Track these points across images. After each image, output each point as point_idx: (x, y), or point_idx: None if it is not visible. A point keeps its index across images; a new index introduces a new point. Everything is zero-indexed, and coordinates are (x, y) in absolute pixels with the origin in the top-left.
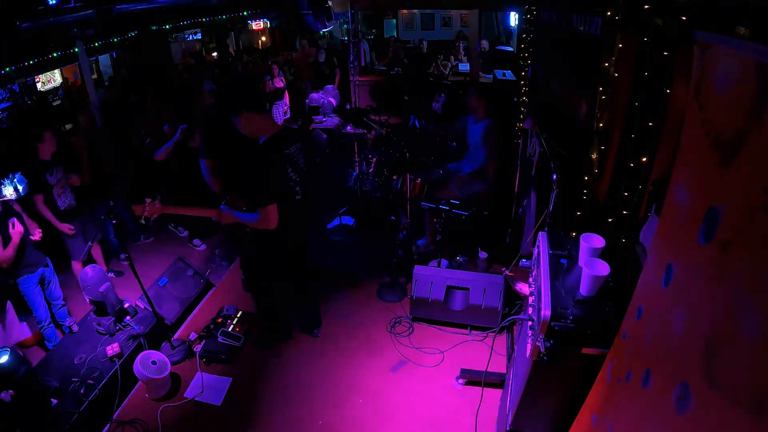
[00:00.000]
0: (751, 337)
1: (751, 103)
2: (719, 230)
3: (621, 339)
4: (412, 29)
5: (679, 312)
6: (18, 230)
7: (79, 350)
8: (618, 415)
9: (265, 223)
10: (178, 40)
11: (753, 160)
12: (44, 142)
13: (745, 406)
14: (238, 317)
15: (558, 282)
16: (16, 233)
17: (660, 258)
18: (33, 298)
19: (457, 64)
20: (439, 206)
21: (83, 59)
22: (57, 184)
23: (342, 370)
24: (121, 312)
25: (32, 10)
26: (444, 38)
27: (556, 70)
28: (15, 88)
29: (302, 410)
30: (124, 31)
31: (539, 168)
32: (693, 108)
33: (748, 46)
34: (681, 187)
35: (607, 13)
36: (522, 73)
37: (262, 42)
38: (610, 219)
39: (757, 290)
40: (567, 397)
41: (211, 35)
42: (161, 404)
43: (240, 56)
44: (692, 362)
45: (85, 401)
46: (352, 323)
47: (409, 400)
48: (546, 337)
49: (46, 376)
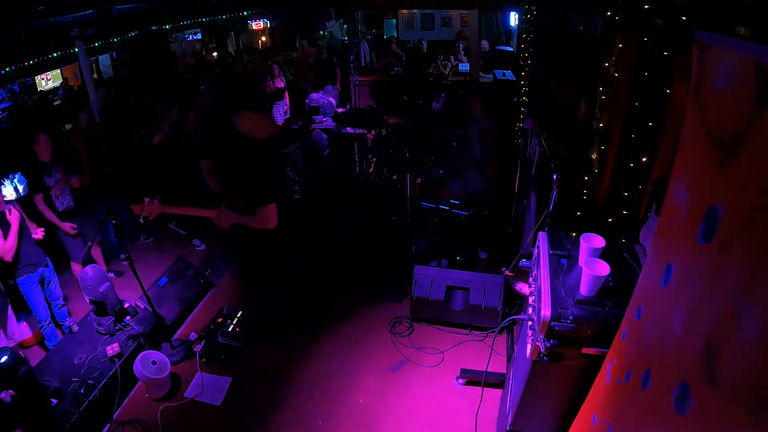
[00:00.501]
0: (751, 337)
1: (751, 102)
2: (719, 230)
3: (621, 339)
4: (412, 29)
5: (679, 312)
6: (15, 216)
7: (79, 350)
8: (618, 415)
9: (264, 222)
10: (178, 40)
11: (753, 160)
12: (38, 144)
13: (744, 406)
14: (238, 317)
15: (558, 282)
16: (14, 219)
17: (659, 258)
18: (33, 298)
19: (457, 64)
20: (439, 206)
21: (83, 59)
22: (55, 185)
23: (342, 370)
24: (121, 312)
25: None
26: (444, 38)
27: (556, 70)
28: (15, 88)
29: (302, 410)
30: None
31: (539, 168)
32: (693, 108)
33: (748, 46)
34: (680, 187)
35: (607, 13)
36: (522, 73)
37: (262, 42)
38: (610, 219)
39: (756, 290)
40: (567, 397)
41: (211, 35)
42: (161, 404)
43: (240, 56)
44: (692, 362)
45: (85, 401)
46: (352, 323)
47: (409, 400)
48: (546, 337)
49: (46, 376)
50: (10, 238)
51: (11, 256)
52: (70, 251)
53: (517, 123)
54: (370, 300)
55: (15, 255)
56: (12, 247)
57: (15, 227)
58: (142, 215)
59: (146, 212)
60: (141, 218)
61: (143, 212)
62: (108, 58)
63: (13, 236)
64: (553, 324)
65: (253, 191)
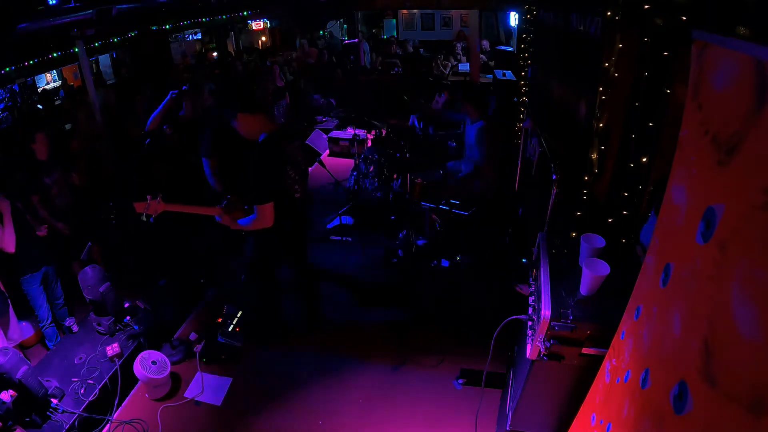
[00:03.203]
0: (749, 337)
1: (750, 102)
2: (717, 230)
3: (620, 339)
4: (412, 29)
5: (678, 312)
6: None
7: (79, 350)
8: (617, 414)
9: (262, 221)
10: (178, 40)
11: (751, 160)
12: (36, 143)
13: (742, 406)
14: (238, 317)
15: (558, 282)
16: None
17: (658, 258)
18: (35, 297)
19: (457, 64)
20: (439, 206)
21: (83, 59)
22: (54, 184)
23: (342, 369)
24: (121, 312)
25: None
26: (444, 38)
27: (556, 70)
28: (15, 88)
29: (302, 410)
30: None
31: (539, 168)
32: (691, 108)
33: (747, 46)
34: (679, 187)
35: (607, 13)
36: (522, 73)
37: (262, 42)
38: (610, 219)
39: (754, 290)
40: (567, 397)
41: (211, 35)
42: (161, 404)
43: (240, 56)
44: (690, 362)
45: (85, 401)
46: (352, 323)
47: (409, 400)
48: (546, 337)
49: (46, 376)
50: (7, 230)
51: (12, 245)
52: (70, 250)
53: (517, 123)
54: (370, 300)
55: (17, 254)
56: (10, 234)
57: (6, 214)
58: (144, 213)
59: (149, 210)
60: (143, 216)
61: (146, 210)
62: (108, 58)
63: (8, 224)
64: (553, 324)
65: (252, 190)
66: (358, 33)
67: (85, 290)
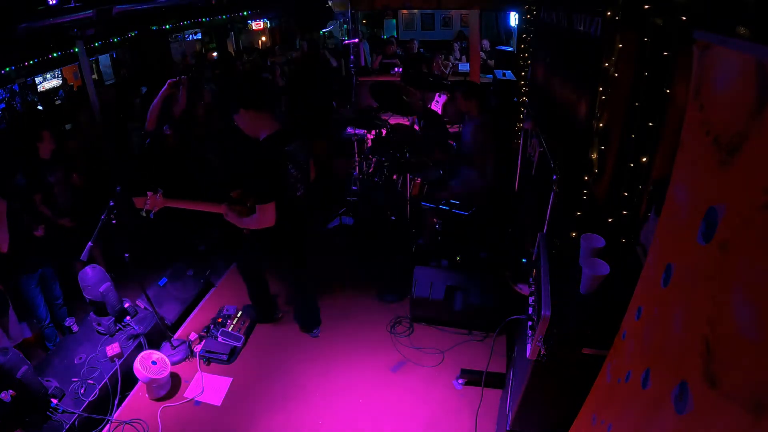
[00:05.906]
0: (751, 337)
1: (752, 103)
2: (718, 230)
3: (620, 339)
4: (412, 29)
5: (679, 312)
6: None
7: (79, 350)
8: (617, 415)
9: (263, 220)
10: (178, 40)
11: (753, 160)
12: (43, 141)
13: (744, 406)
14: (238, 317)
15: (558, 282)
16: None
17: (659, 258)
18: (33, 298)
19: (457, 64)
20: (439, 206)
21: (83, 59)
22: (56, 183)
23: (342, 369)
24: (121, 312)
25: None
26: (444, 38)
27: (556, 70)
28: (15, 88)
29: (302, 410)
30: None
31: (539, 168)
32: (693, 108)
33: (748, 46)
34: (680, 187)
35: (607, 13)
36: (522, 73)
37: (262, 42)
38: (610, 219)
39: (756, 290)
40: (567, 397)
41: (211, 35)
42: (161, 404)
43: (240, 56)
44: (691, 362)
45: (85, 401)
46: (352, 323)
47: (409, 400)
48: (546, 337)
49: (46, 376)
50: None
51: (5, 245)
52: (70, 249)
53: (517, 123)
54: (370, 300)
55: (13, 255)
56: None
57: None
58: (144, 209)
59: (149, 206)
60: (143, 212)
61: (146, 206)
62: (108, 58)
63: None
64: (554, 324)
65: (254, 189)
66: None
67: (85, 290)
